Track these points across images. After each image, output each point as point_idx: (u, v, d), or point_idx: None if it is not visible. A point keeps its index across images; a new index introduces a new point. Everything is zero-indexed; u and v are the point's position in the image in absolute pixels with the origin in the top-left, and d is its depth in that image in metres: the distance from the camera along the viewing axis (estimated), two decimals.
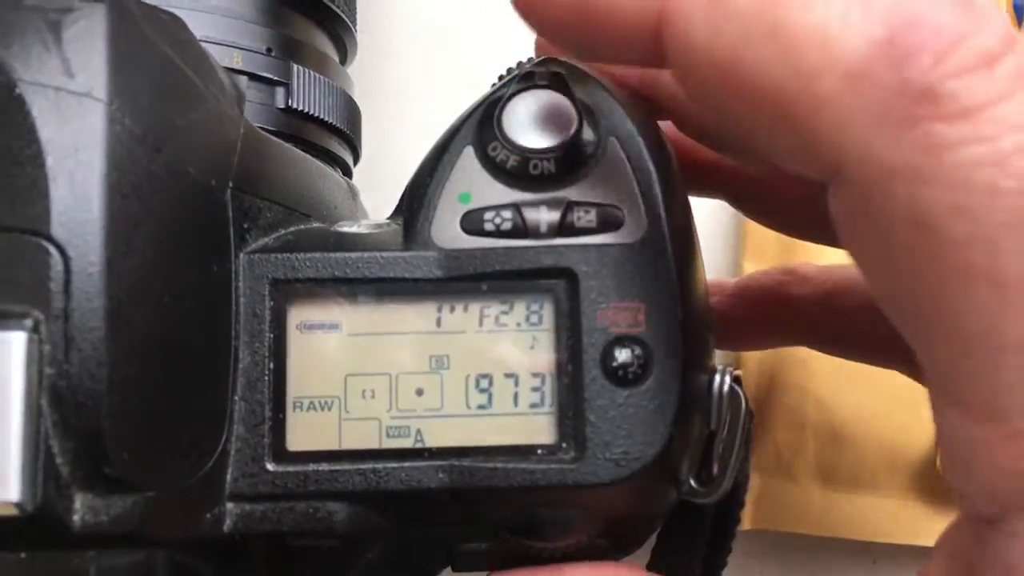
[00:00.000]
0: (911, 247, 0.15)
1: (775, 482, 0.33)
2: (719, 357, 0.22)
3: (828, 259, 0.29)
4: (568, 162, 0.20)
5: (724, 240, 0.36)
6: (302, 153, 0.23)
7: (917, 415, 0.31)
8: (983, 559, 0.16)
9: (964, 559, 0.17)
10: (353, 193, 0.26)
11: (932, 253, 0.15)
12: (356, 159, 0.28)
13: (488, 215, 0.21)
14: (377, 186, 0.34)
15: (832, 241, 0.26)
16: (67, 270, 0.17)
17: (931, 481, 0.32)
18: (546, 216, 0.20)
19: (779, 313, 0.28)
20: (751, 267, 0.34)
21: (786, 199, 0.24)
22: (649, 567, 0.24)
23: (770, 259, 0.34)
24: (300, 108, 0.24)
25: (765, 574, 0.34)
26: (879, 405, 0.32)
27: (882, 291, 0.16)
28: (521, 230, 0.20)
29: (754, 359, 0.34)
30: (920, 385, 0.17)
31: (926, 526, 0.32)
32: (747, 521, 0.33)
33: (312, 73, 0.25)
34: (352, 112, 0.27)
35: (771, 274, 0.28)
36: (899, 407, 0.32)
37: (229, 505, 0.20)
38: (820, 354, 0.32)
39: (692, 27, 0.16)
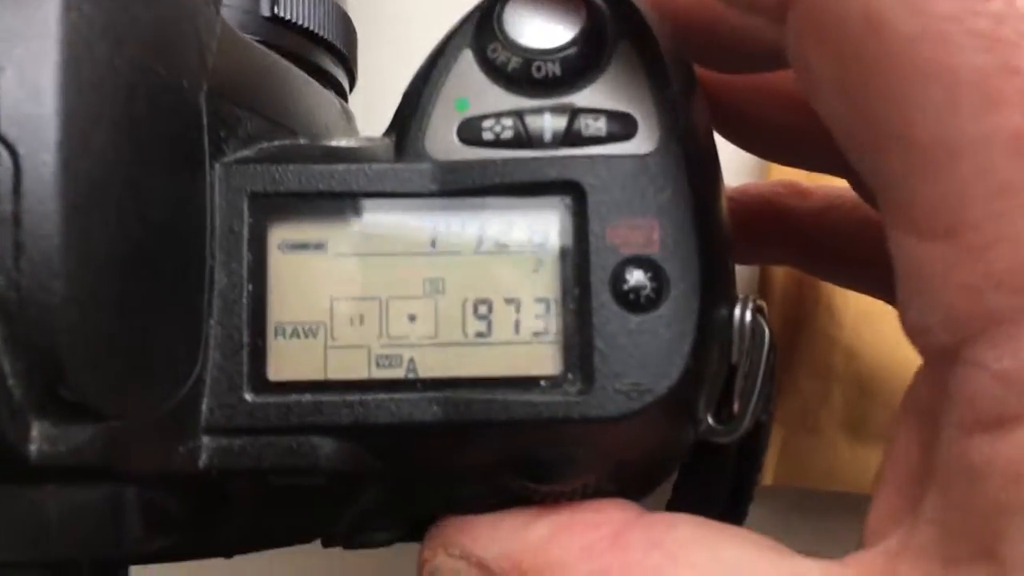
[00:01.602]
0: (863, 51, 0.15)
1: (799, 435, 0.31)
2: None
3: None
4: (575, 64, 0.19)
5: (752, 178, 0.34)
6: (291, 64, 0.21)
7: None
8: (945, 401, 0.15)
9: (927, 410, 0.16)
10: (348, 115, 0.24)
11: (884, 53, 0.14)
12: (352, 81, 0.26)
13: (487, 123, 0.19)
14: (377, 121, 0.32)
15: (804, 163, 0.25)
16: (16, 168, 0.15)
17: None
18: (550, 123, 0.19)
19: (773, 224, 0.27)
20: None
21: (761, 114, 0.24)
22: None
23: None
24: (287, 17, 0.22)
25: (789, 531, 0.33)
26: (910, 353, 0.30)
27: (836, 112, 0.16)
28: (523, 139, 0.19)
29: (777, 306, 0.32)
30: None
31: None
32: (770, 476, 0.31)
33: None
34: (346, 27, 0.25)
35: (770, 184, 0.28)
36: None
37: (204, 439, 0.18)
38: (848, 302, 0.31)
39: None
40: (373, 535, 0.22)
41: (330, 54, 0.24)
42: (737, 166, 0.33)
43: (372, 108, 0.29)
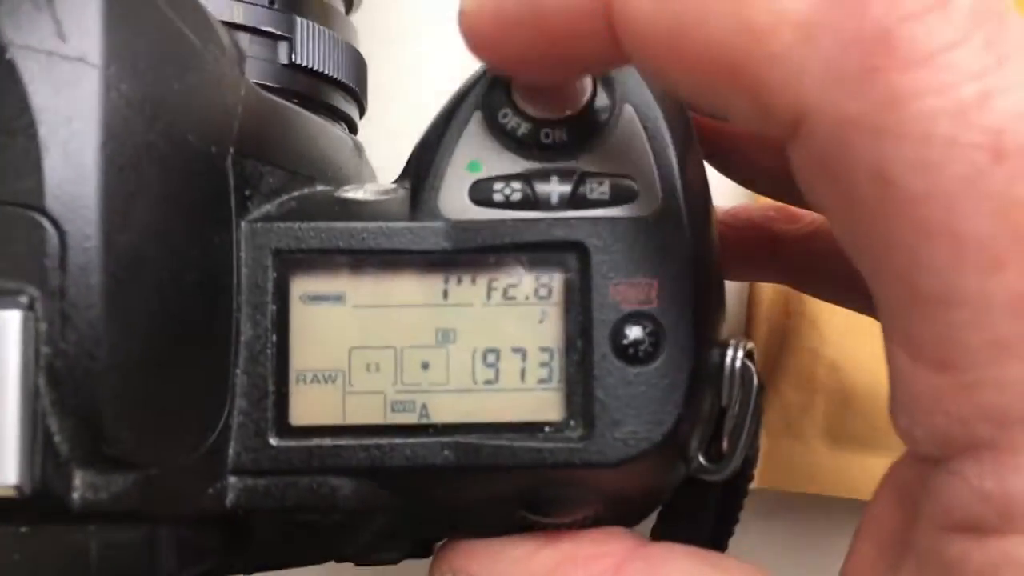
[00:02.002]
0: (871, 201, 0.15)
1: (782, 441, 0.33)
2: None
3: None
4: (581, 131, 0.20)
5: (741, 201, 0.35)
6: (306, 113, 0.22)
7: None
8: (925, 495, 0.16)
9: (908, 493, 0.16)
10: (359, 150, 0.25)
11: (891, 207, 0.14)
12: (362, 113, 0.27)
13: (497, 185, 0.20)
14: (384, 135, 0.33)
15: (795, 202, 0.26)
16: (63, 245, 0.16)
17: None
18: (557, 187, 0.20)
19: (763, 246, 0.28)
20: None
21: (757, 159, 0.25)
22: (652, 538, 0.24)
23: None
24: (304, 64, 0.23)
25: (771, 533, 0.34)
26: None
27: (843, 239, 0.16)
28: (531, 201, 0.20)
29: (764, 319, 0.33)
30: None
31: None
32: (755, 480, 0.33)
33: (316, 26, 0.24)
34: (358, 66, 0.26)
35: (761, 208, 0.28)
36: None
37: (232, 480, 0.19)
38: (832, 317, 0.32)
39: (637, 1, 0.16)
40: (383, 554, 0.23)
41: (343, 92, 0.25)
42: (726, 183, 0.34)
43: (380, 120, 0.30)
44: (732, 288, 0.35)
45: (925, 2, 0.14)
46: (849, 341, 0.32)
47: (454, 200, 0.20)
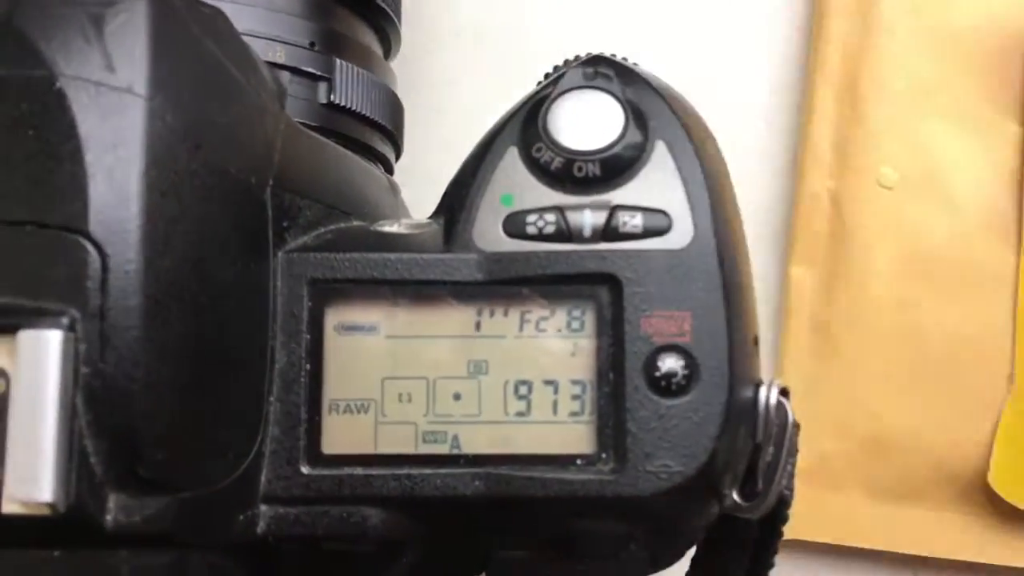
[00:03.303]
0: None
1: (819, 492, 0.32)
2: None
3: (876, 262, 0.29)
4: (614, 165, 0.20)
5: (772, 243, 0.35)
6: (343, 150, 0.23)
7: (967, 428, 0.31)
8: None
9: None
10: (394, 190, 0.25)
11: None
12: (398, 155, 0.28)
13: (531, 218, 0.20)
14: (419, 180, 0.33)
15: None
16: (104, 268, 0.17)
17: (978, 495, 0.31)
18: (590, 220, 0.20)
19: None
20: (799, 272, 0.33)
21: None
22: None
23: (820, 263, 0.33)
24: (342, 104, 0.24)
25: None
26: (929, 417, 0.31)
27: None
28: (564, 234, 0.20)
29: (800, 366, 0.33)
30: (971, 398, 0.16)
31: (971, 540, 0.31)
32: (789, 531, 0.32)
33: (355, 68, 0.24)
34: (395, 108, 0.26)
35: None
36: (950, 420, 0.31)
37: (263, 507, 0.19)
38: (870, 363, 0.32)
39: None
40: None
41: (380, 133, 0.26)
42: (758, 233, 0.34)
43: (414, 166, 0.30)
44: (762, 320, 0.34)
45: None
46: (887, 389, 0.32)
47: (488, 232, 0.20)
